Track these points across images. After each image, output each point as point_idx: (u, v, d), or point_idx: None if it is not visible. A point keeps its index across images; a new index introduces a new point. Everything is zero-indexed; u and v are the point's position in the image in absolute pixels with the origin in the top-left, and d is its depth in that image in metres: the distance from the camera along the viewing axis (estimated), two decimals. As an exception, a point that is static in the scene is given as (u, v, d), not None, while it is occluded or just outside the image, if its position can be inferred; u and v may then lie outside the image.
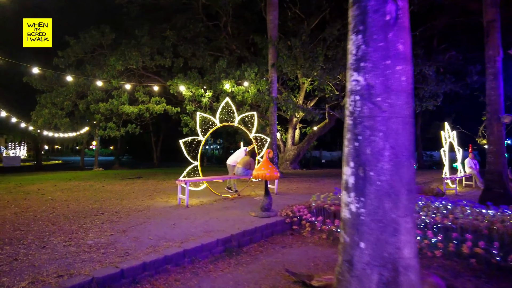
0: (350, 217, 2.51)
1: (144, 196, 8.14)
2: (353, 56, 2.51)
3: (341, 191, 2.67)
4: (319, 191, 9.13)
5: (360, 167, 2.42)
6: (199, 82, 11.87)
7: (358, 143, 2.48)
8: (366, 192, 2.43)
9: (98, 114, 12.01)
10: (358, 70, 2.46)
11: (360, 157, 2.48)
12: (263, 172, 5.93)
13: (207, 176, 8.06)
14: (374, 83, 2.38)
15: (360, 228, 2.45)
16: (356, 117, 2.51)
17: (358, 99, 2.47)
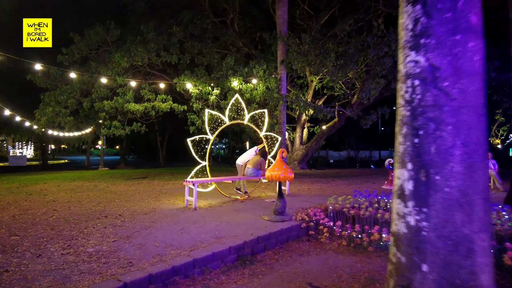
0: (407, 232, 2.06)
1: (150, 198, 7.78)
2: (409, 32, 2.06)
3: (392, 198, 2.20)
4: (333, 193, 8.71)
5: (421, 170, 1.96)
6: (206, 79, 11.49)
7: (418, 140, 2.03)
8: (430, 201, 1.97)
9: (102, 113, 11.69)
10: (417, 49, 2.01)
11: (421, 157, 2.02)
12: (276, 173, 5.52)
13: (215, 177, 7.67)
14: (439, 64, 1.92)
15: (422, 246, 1.98)
16: (416, 107, 2.04)
17: (417, 84, 2.02)
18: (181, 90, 11.60)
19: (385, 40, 11.70)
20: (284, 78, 12.70)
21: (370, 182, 11.59)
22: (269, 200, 7.45)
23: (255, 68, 11.99)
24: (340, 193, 8.60)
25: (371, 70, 12.94)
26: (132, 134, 15.72)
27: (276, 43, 13.40)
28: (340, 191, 9.05)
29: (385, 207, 5.70)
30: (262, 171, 7.66)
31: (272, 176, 5.54)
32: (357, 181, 11.87)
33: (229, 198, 7.59)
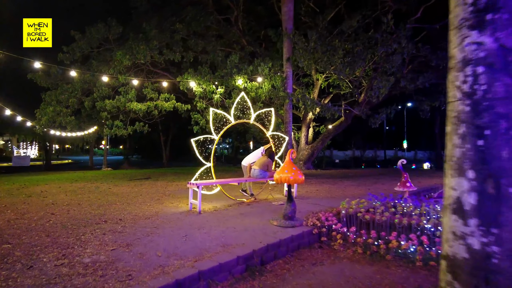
0: (469, 258, 1.69)
1: (152, 200, 7.48)
2: (468, 7, 1.68)
3: (443, 212, 1.83)
4: (342, 195, 8.36)
5: (488, 180, 1.58)
6: (211, 78, 11.18)
7: (483, 142, 1.65)
8: (502, 220, 1.59)
9: (104, 112, 11.42)
10: (480, 27, 1.64)
11: (488, 163, 1.65)
12: (286, 175, 5.19)
13: (220, 179, 7.36)
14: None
15: (493, 278, 1.60)
16: (479, 101, 1.67)
17: (481, 71, 1.63)
18: (184, 89, 11.29)
19: (394, 37, 11.32)
20: (290, 76, 12.37)
21: (379, 183, 11.23)
22: (277, 203, 7.12)
23: (260, 66, 11.66)
24: (350, 195, 8.26)
25: (379, 68, 12.57)
26: (135, 134, 15.47)
27: (281, 40, 13.07)
28: (350, 193, 8.71)
29: (402, 211, 5.35)
30: (269, 172, 7.34)
31: (282, 179, 5.21)
32: (366, 182, 11.51)
33: (234, 201, 7.28)
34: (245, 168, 7.84)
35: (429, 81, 12.86)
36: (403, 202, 5.71)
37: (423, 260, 4.10)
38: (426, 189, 9.88)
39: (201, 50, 12.50)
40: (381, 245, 4.51)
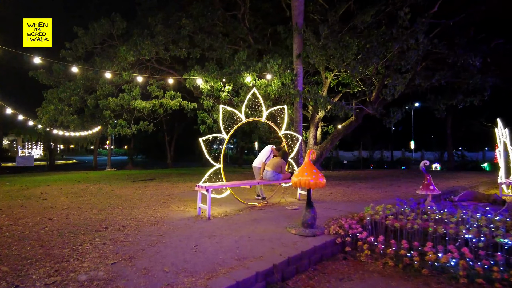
0: None
1: (158, 204, 7.01)
2: None
3: None
4: (359, 198, 7.84)
5: None
6: (218, 75, 10.69)
7: None
8: None
9: (107, 111, 10.98)
10: None
11: None
12: (306, 178, 4.68)
13: (231, 181, 6.87)
14: None
15: None
16: None
17: None
18: (190, 86, 10.82)
19: (409, 32, 10.76)
20: (300, 73, 11.85)
21: (395, 185, 10.68)
22: (291, 207, 6.62)
23: (270, 62, 11.17)
24: (368, 199, 7.74)
25: (392, 65, 12.01)
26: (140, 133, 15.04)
27: (291, 37, 12.57)
28: (367, 197, 8.18)
29: (434, 218, 4.83)
30: (282, 174, 6.84)
31: (301, 182, 4.71)
32: (381, 184, 10.97)
33: (245, 205, 6.79)
34: (257, 169, 7.35)
35: (445, 79, 12.28)
36: (436, 208, 5.18)
37: (468, 276, 3.58)
38: (446, 192, 9.33)
39: (208, 47, 12.03)
40: (414, 257, 4.00)
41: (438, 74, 12.01)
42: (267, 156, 7.33)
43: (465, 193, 9.16)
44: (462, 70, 12.00)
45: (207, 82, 10.54)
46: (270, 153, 7.39)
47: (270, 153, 7.40)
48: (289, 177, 6.97)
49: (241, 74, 10.81)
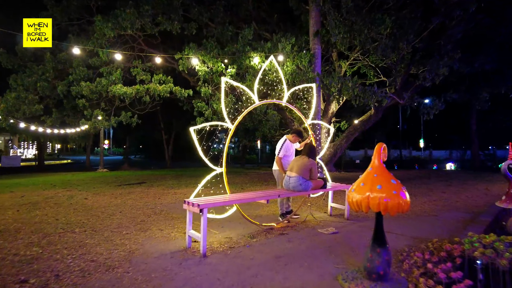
0: None
1: (133, 224, 4.94)
2: None
3: None
4: (411, 212, 5.74)
5: None
6: (218, 54, 8.61)
7: None
8: None
9: (81, 99, 8.92)
10: None
11: None
12: (378, 195, 2.60)
13: (237, 194, 4.80)
14: None
15: None
16: None
17: None
18: (184, 69, 8.69)
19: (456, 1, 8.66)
20: (318, 54, 9.81)
21: (437, 191, 8.59)
22: (327, 230, 4.54)
23: (281, 42, 9.09)
24: (422, 213, 5.67)
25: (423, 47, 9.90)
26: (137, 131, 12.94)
27: (305, 13, 10.48)
28: (419, 209, 6.11)
29: None
30: (313, 181, 4.74)
31: (369, 202, 2.63)
32: (420, 190, 8.87)
33: (259, 227, 4.70)
34: (276, 173, 5.27)
35: (490, 64, 10.20)
36: None
37: None
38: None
39: (206, 22, 9.96)
40: None
41: (483, 56, 9.91)
42: (283, 148, 5.19)
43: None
44: (511, 53, 9.91)
45: (205, 63, 8.44)
46: (287, 144, 5.22)
47: (286, 143, 5.21)
48: (322, 186, 4.88)
49: (246, 55, 8.73)
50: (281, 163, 5.13)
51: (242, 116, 4.34)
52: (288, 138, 5.22)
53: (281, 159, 5.13)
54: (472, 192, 8.46)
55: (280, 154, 5.13)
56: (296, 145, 5.29)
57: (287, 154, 5.21)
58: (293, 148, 5.27)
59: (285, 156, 5.19)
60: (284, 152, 5.14)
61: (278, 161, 5.13)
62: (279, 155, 5.15)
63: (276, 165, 5.20)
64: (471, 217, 5.55)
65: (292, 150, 5.25)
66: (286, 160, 5.18)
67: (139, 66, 9.25)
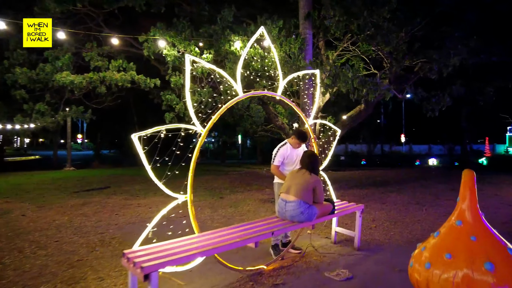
0: None
1: (63, 268, 3.48)
2: None
3: None
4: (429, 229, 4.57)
5: None
6: (192, 36, 7.12)
7: None
8: None
9: (19, 90, 7.22)
10: None
11: None
12: (489, 280, 1.27)
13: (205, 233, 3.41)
14: None
15: None
16: None
17: None
18: (150, 54, 7.07)
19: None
20: (310, 40, 8.48)
21: (443, 198, 7.53)
22: (338, 275, 3.23)
23: (267, 24, 7.69)
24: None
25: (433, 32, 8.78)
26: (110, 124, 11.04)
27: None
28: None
29: None
30: (319, 206, 3.40)
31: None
32: (423, 196, 7.79)
33: (243, 273, 3.33)
34: (277, 185, 3.95)
35: (498, 56, 9.20)
36: None
37: None
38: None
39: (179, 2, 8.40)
40: None
41: (491, 48, 8.90)
42: (279, 154, 3.87)
43: None
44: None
45: (175, 46, 6.92)
46: (285, 150, 3.88)
47: (284, 149, 3.88)
48: (331, 211, 3.58)
49: (226, 38, 7.29)
50: (279, 172, 3.87)
51: (217, 116, 2.95)
52: (290, 143, 3.91)
53: (278, 167, 3.85)
54: (484, 199, 7.43)
55: (276, 161, 3.85)
56: (300, 150, 3.98)
57: (288, 163, 3.93)
58: (296, 154, 3.95)
59: (285, 164, 3.92)
60: (281, 158, 3.85)
61: (275, 170, 3.86)
62: (274, 162, 3.86)
63: (278, 178, 3.93)
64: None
65: (295, 158, 3.94)
66: (288, 168, 3.94)
67: (94, 49, 7.60)
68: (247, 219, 5.42)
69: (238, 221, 5.38)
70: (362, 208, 4.10)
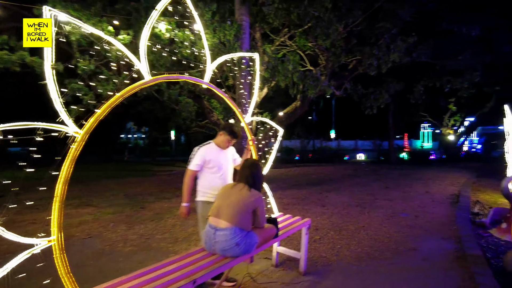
0: None
1: None
2: None
3: None
4: (384, 246, 4.01)
5: None
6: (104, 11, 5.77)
7: None
8: None
9: None
10: None
11: None
12: None
13: None
14: None
15: None
16: None
17: None
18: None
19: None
20: (246, 28, 7.68)
21: (383, 199, 7.37)
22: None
23: (198, 7, 6.69)
24: (399, 250, 3.97)
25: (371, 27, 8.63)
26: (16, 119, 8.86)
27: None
28: (387, 238, 4.48)
29: None
30: (258, 232, 2.58)
31: None
32: (361, 196, 7.56)
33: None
34: (204, 207, 2.96)
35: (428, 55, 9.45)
36: None
37: None
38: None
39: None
40: None
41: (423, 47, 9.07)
42: (198, 155, 2.96)
43: (495, 211, 6.27)
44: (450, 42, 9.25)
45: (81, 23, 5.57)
46: (208, 150, 3.01)
47: (207, 149, 3.01)
48: (275, 236, 2.79)
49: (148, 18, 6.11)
50: (189, 180, 2.90)
51: (100, 115, 1.95)
52: (217, 142, 3.02)
53: (194, 174, 2.92)
54: (417, 197, 7.45)
55: (192, 164, 2.91)
56: (229, 153, 3.12)
57: (211, 168, 2.98)
58: (224, 158, 3.07)
59: (207, 171, 2.98)
60: (200, 161, 2.92)
61: (188, 179, 2.90)
62: (189, 166, 2.92)
63: (203, 196, 2.97)
64: (455, 249, 4.15)
65: (222, 163, 3.03)
66: (214, 177, 2.98)
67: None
68: (170, 238, 4.42)
69: (158, 241, 4.35)
70: (309, 224, 3.42)
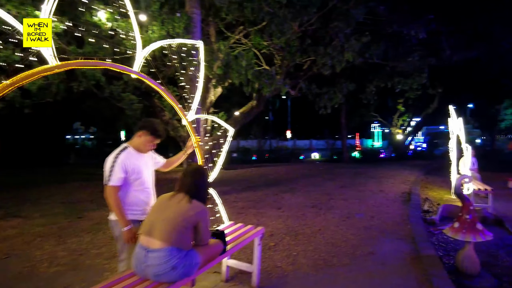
0: None
1: None
2: None
3: None
4: (342, 254, 3.80)
5: None
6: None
7: None
8: None
9: None
10: None
11: None
12: None
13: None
14: None
15: None
16: None
17: None
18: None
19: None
20: (197, 22, 7.24)
21: (339, 199, 7.34)
22: None
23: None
24: (343, 244, 3.82)
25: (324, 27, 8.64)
26: None
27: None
28: (337, 238, 4.33)
29: None
30: (201, 250, 2.22)
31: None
32: (315, 198, 7.47)
33: None
34: (116, 228, 2.47)
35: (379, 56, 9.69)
36: None
37: None
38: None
39: None
40: None
41: (372, 48, 9.25)
42: (116, 167, 2.39)
43: (444, 208, 6.49)
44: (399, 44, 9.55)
45: (2, 6, 4.78)
46: (125, 158, 2.42)
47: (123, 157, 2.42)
48: (222, 252, 2.43)
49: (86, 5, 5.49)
50: (117, 200, 2.37)
51: None
52: (134, 144, 2.53)
53: (117, 190, 2.40)
54: (372, 197, 7.53)
55: (113, 180, 2.36)
56: (148, 158, 2.67)
57: (134, 180, 2.47)
58: (144, 163, 2.56)
59: (131, 184, 2.49)
60: (123, 173, 2.38)
61: (112, 197, 2.36)
62: (110, 182, 2.36)
63: (116, 215, 2.44)
64: (411, 250, 4.11)
65: (142, 170, 2.53)
66: (137, 190, 2.49)
67: None
68: (107, 253, 3.89)
69: (93, 257, 3.80)
70: (262, 233, 3.12)
